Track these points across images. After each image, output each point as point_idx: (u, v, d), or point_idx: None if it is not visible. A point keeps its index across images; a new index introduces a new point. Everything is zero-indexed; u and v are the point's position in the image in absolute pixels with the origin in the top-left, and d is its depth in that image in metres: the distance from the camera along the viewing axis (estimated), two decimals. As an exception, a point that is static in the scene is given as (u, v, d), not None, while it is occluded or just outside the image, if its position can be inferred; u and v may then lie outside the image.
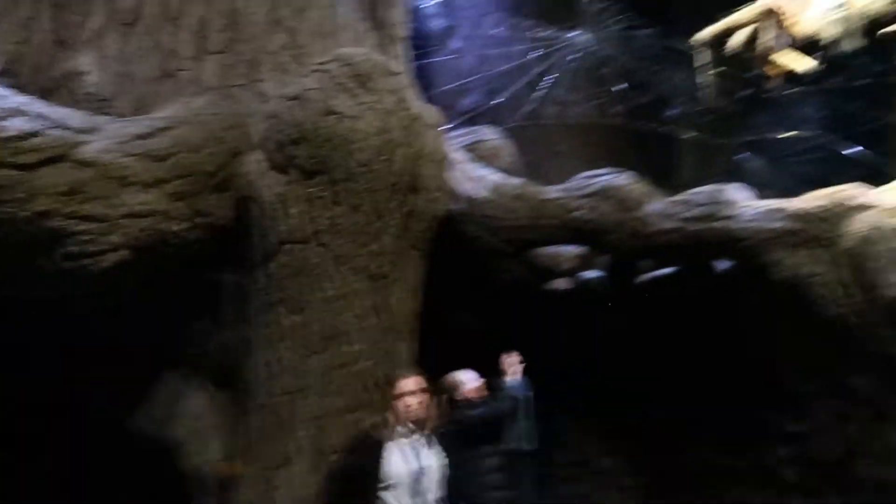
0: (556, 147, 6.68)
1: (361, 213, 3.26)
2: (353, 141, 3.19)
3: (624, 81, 4.93)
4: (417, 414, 3.25)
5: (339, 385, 3.44)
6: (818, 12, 3.71)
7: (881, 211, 3.77)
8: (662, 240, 4.65)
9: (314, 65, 3.45)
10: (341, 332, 3.38)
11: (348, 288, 3.29)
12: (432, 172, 3.44)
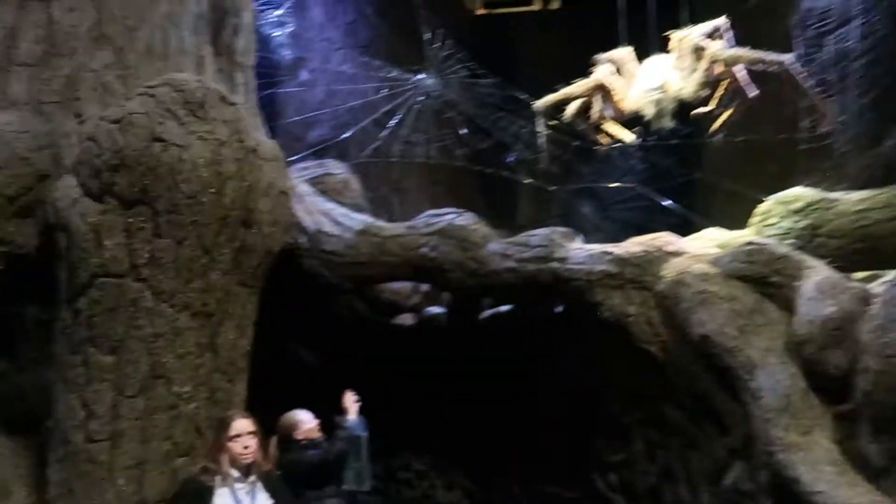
0: (401, 185, 6.80)
1: (187, 247, 3.07)
2: (179, 171, 3.01)
3: (467, 126, 5.12)
4: (250, 457, 3.14)
5: (161, 429, 3.24)
6: (639, 92, 4.12)
7: (689, 257, 4.14)
8: (500, 279, 4.83)
9: (142, 87, 3.24)
10: (162, 372, 3.18)
11: (170, 326, 3.09)
12: (268, 207, 3.33)
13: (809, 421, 3.25)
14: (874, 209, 4.49)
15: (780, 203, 4.80)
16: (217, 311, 3.20)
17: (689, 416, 4.24)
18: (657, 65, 4.25)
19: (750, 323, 3.63)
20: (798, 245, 4.50)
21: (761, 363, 3.47)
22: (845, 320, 3.20)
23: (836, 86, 5.34)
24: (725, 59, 3.92)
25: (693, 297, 3.89)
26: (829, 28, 5.41)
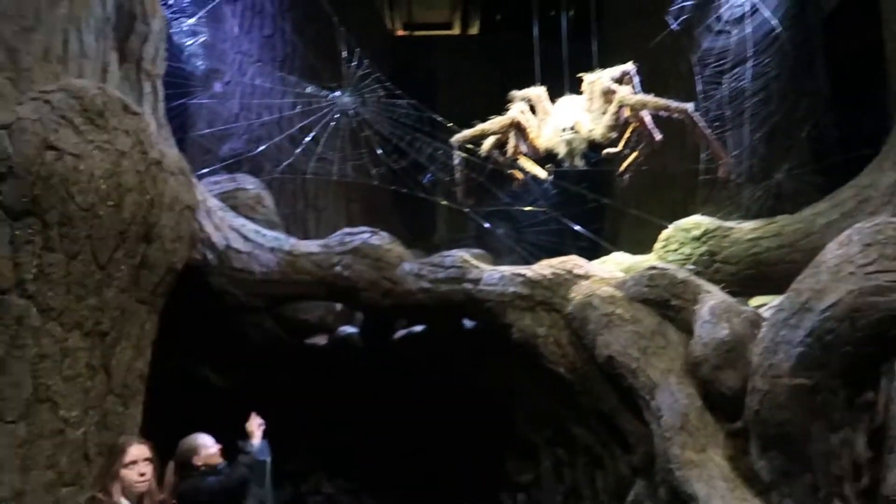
0: (317, 202, 6.70)
1: (79, 262, 2.89)
2: (74, 182, 2.84)
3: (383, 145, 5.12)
4: (145, 485, 3.00)
5: (45, 457, 3.01)
6: (552, 131, 4.26)
7: (596, 280, 4.27)
8: (414, 299, 4.83)
9: (35, 92, 3.05)
10: (48, 396, 2.96)
11: (58, 346, 2.89)
12: (171, 221, 3.19)
13: (705, 439, 3.38)
14: (765, 238, 4.78)
15: (681, 230, 5.04)
16: (112, 330, 3.02)
17: (595, 435, 4.34)
18: (569, 105, 4.42)
19: (651, 345, 3.77)
20: (697, 270, 4.72)
21: (661, 383, 3.60)
22: (737, 343, 3.36)
23: (732, 121, 5.71)
24: (633, 105, 4.11)
25: (599, 319, 4.00)
26: (725, 67, 5.78)
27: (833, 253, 2.99)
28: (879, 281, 2.77)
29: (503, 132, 4.30)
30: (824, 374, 2.86)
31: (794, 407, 2.93)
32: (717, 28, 5.86)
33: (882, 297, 2.75)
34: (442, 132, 5.33)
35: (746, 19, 5.67)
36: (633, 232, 6.28)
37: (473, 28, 9.91)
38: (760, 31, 5.64)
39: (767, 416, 3.03)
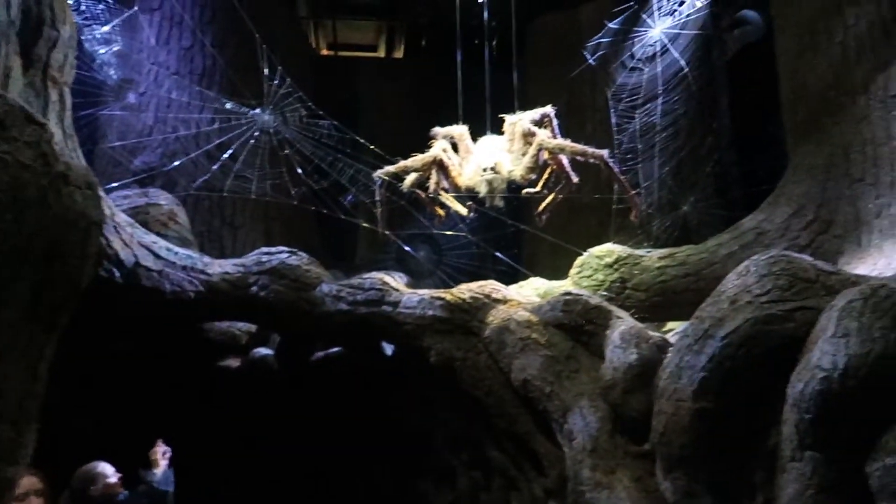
0: (234, 220, 6.54)
1: (-29, 280, 2.71)
2: (-31, 194, 2.67)
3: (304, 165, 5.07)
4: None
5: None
6: (474, 170, 4.36)
7: (513, 305, 4.35)
8: (332, 321, 4.78)
9: (-72, 98, 2.85)
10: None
11: (-58, 369, 2.68)
12: (76, 239, 3.03)
13: (614, 461, 3.48)
14: (672, 266, 5.02)
15: (595, 257, 5.22)
16: (5, 352, 2.83)
17: (511, 458, 4.39)
18: (491, 145, 4.54)
19: (565, 369, 3.86)
20: (609, 296, 4.90)
21: (574, 407, 3.69)
22: (645, 367, 3.49)
23: (643, 154, 6.00)
24: (552, 149, 4.27)
25: (516, 343, 4.07)
26: (637, 102, 6.08)
27: (732, 283, 3.17)
28: (773, 310, 2.96)
29: (426, 170, 4.37)
30: (724, 398, 3.02)
31: (696, 429, 3.06)
32: (631, 65, 6.16)
33: (775, 326, 2.93)
34: (364, 154, 5.33)
35: (657, 58, 5.98)
36: (549, 257, 6.45)
37: (398, 52, 10.00)
38: (670, 70, 5.97)
39: (671, 438, 3.15)
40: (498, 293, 4.51)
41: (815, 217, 4.83)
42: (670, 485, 3.22)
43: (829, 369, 2.58)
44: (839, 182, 4.74)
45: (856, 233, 4.59)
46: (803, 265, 3.09)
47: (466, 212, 4.59)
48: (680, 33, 5.91)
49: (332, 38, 9.73)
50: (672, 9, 5.93)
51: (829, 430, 2.62)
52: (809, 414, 2.61)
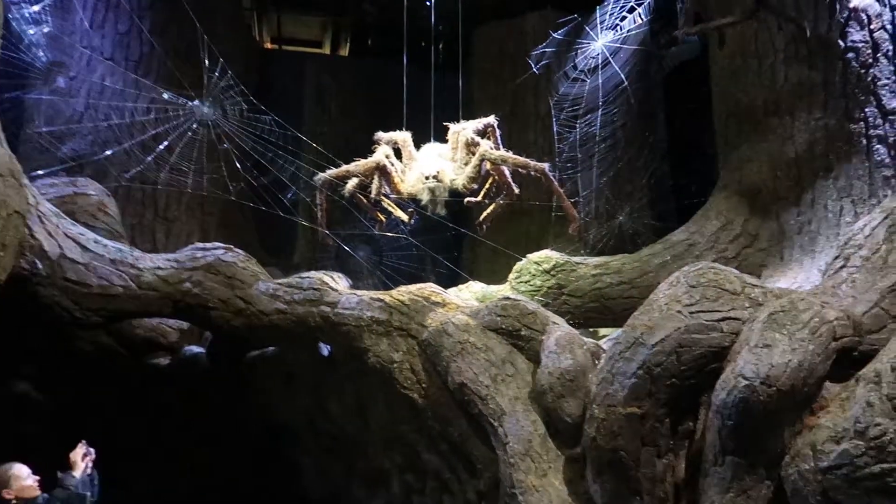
0: (167, 213, 6.34)
1: None
2: None
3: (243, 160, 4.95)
4: None
5: None
6: (416, 177, 4.38)
7: (452, 308, 4.37)
8: (268, 320, 4.69)
9: None
10: None
11: None
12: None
13: (546, 464, 3.55)
14: (607, 274, 5.16)
15: (533, 263, 5.31)
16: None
17: (445, 461, 4.41)
18: (434, 153, 4.57)
19: (501, 373, 3.91)
20: (546, 302, 4.98)
21: (509, 411, 3.74)
22: (579, 373, 3.57)
23: (582, 163, 6.14)
24: (494, 160, 4.33)
25: (453, 347, 4.09)
26: (579, 113, 6.22)
27: (663, 293, 3.28)
28: (701, 320, 3.07)
29: (368, 175, 4.36)
30: (653, 403, 3.12)
31: (625, 434, 3.15)
32: (573, 76, 6.29)
33: (702, 335, 3.05)
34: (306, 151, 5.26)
35: (599, 70, 6.13)
36: (490, 261, 6.52)
37: (344, 50, 9.91)
38: (610, 83, 6.13)
39: (602, 442, 3.23)
40: (437, 296, 4.52)
41: (742, 231, 5.05)
42: (599, 488, 3.30)
43: (751, 377, 2.70)
44: (765, 198, 4.97)
45: (778, 247, 4.82)
46: (729, 277, 3.22)
47: (408, 218, 4.60)
48: (621, 48, 6.07)
49: (276, 31, 9.55)
50: (614, 24, 6.08)
51: (750, 436, 2.74)
52: (731, 420, 2.72)
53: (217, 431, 5.29)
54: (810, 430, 2.64)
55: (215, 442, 5.32)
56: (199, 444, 5.31)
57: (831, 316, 2.81)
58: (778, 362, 2.68)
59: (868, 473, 2.38)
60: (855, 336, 2.85)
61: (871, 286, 2.92)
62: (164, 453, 5.30)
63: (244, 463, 5.40)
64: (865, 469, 2.39)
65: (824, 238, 4.45)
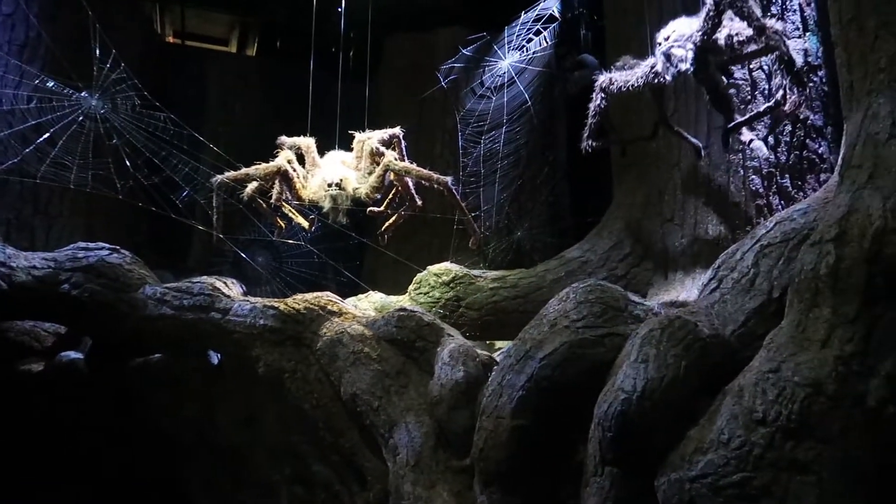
0: (49, 209, 5.96)
1: None
2: None
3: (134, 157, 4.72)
4: None
5: None
6: (319, 184, 4.35)
7: (348, 318, 4.34)
8: (153, 326, 4.51)
9: None
10: None
11: None
12: None
13: (435, 476, 3.57)
14: (503, 288, 5.27)
15: (433, 274, 5.36)
16: None
17: (336, 472, 4.36)
18: (338, 160, 4.55)
19: (395, 384, 3.91)
20: (444, 314, 5.04)
21: (400, 422, 3.74)
22: (470, 384, 3.63)
23: (485, 178, 6.27)
24: (398, 171, 4.36)
25: (347, 357, 4.07)
26: (484, 129, 6.36)
27: (553, 307, 3.39)
28: (586, 335, 3.20)
29: (268, 179, 4.29)
30: (539, 416, 3.21)
31: (512, 446, 3.22)
32: (480, 92, 6.43)
33: (588, 350, 3.17)
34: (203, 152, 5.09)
35: (505, 89, 6.29)
36: (391, 271, 6.51)
37: (251, 50, 9.67)
38: (515, 102, 6.30)
39: (490, 454, 3.29)
40: (333, 305, 4.48)
41: (632, 250, 5.30)
42: (486, 499, 3.35)
43: (630, 391, 2.83)
44: (653, 220, 5.24)
45: (663, 267, 5.09)
46: (615, 294, 3.37)
47: (308, 225, 4.55)
48: (526, 68, 6.26)
49: (180, 25, 9.19)
50: (521, 44, 6.27)
51: (627, 447, 2.87)
52: (611, 432, 2.83)
53: (96, 443, 5.02)
54: (681, 442, 2.79)
55: (93, 453, 5.04)
56: (75, 456, 5.02)
57: (704, 334, 2.99)
58: (653, 377, 2.82)
59: (730, 482, 2.53)
60: (725, 354, 3.05)
61: (740, 307, 3.12)
62: (35, 465, 4.97)
63: (125, 475, 5.14)
64: (727, 478, 2.55)
65: (703, 260, 4.73)
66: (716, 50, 3.88)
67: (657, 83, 4.03)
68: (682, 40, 3.90)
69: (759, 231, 3.40)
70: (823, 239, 2.67)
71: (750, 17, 3.66)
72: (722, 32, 3.82)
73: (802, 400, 2.48)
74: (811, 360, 2.55)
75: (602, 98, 4.20)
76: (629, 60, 4.26)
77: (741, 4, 3.65)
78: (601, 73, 4.24)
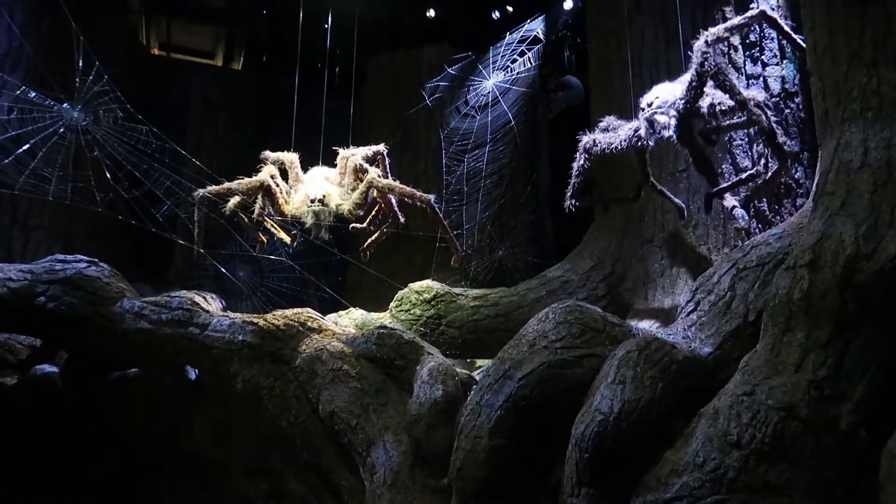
0: (28, 220, 5.89)
1: None
2: None
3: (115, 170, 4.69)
4: None
5: None
6: (301, 199, 4.35)
7: (328, 335, 4.32)
8: (131, 339, 4.46)
9: None
10: None
11: None
12: None
13: (412, 495, 3.54)
14: (485, 306, 5.28)
15: (414, 292, 5.35)
16: None
17: (313, 490, 4.31)
18: (321, 176, 4.55)
19: (374, 402, 3.89)
20: (425, 331, 5.03)
21: (378, 441, 3.72)
22: (449, 403, 3.61)
23: (468, 196, 6.31)
24: (381, 188, 4.37)
25: (326, 374, 4.04)
26: (467, 147, 6.41)
27: (533, 328, 3.40)
28: (565, 356, 3.21)
29: (251, 194, 4.28)
30: (517, 436, 3.20)
31: (490, 465, 3.20)
32: (464, 111, 6.48)
33: (566, 370, 3.18)
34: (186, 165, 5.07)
35: (489, 108, 6.35)
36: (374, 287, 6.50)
37: (236, 63, 9.69)
38: (499, 121, 6.37)
39: (468, 473, 3.27)
40: (313, 322, 4.45)
41: (612, 271, 5.33)
42: (463, 518, 3.33)
43: (607, 413, 2.84)
44: (633, 241, 5.28)
45: (643, 288, 5.13)
46: (594, 316, 3.39)
47: (290, 240, 4.53)
48: (510, 88, 6.32)
49: (165, 38, 9.19)
50: (506, 65, 6.34)
51: (604, 468, 2.87)
52: (587, 453, 2.84)
53: (70, 457, 4.94)
54: (657, 464, 2.80)
55: (67, 468, 4.95)
56: (49, 470, 4.92)
57: (680, 356, 3.02)
58: (630, 398, 2.84)
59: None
60: (701, 376, 3.07)
61: (716, 330, 3.16)
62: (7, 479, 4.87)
63: (99, 490, 5.05)
64: (702, 500, 2.56)
65: (683, 281, 4.78)
66: (699, 116, 3.92)
67: (640, 146, 4.08)
68: (665, 107, 3.93)
69: (736, 255, 3.45)
70: (797, 264, 2.72)
71: (732, 90, 3.70)
72: (705, 101, 3.85)
73: (776, 423, 2.51)
74: (785, 383, 2.58)
75: (585, 158, 4.24)
76: (613, 121, 4.29)
77: (723, 78, 3.68)
78: (584, 134, 4.26)
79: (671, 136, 3.88)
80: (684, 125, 3.86)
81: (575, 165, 4.27)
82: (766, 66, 4.77)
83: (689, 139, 3.97)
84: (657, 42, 5.12)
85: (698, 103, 3.84)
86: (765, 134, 3.83)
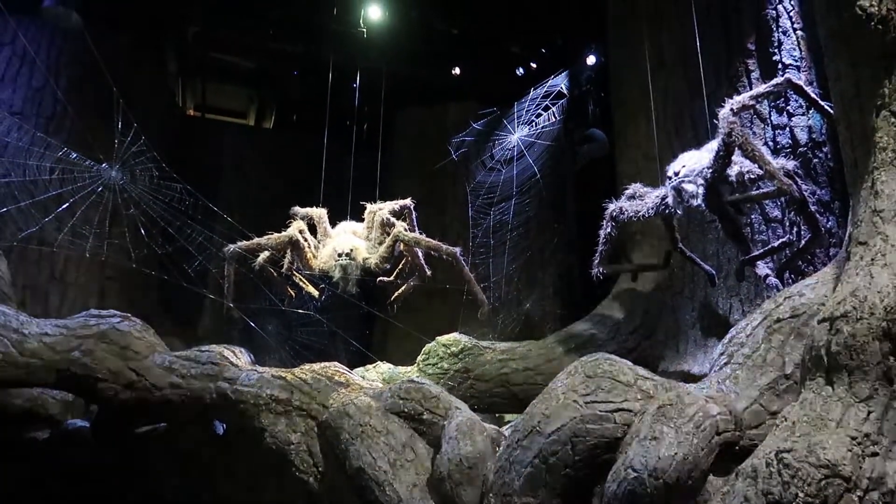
0: (65, 276, 6.03)
1: None
2: None
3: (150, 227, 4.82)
4: None
5: None
6: (329, 253, 4.42)
7: (355, 389, 4.29)
8: (161, 394, 4.47)
9: None
10: None
11: None
12: None
13: (441, 554, 3.45)
14: (513, 359, 5.22)
15: (441, 345, 5.32)
16: None
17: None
18: (349, 231, 4.63)
19: (401, 458, 3.82)
20: (453, 385, 4.98)
21: (406, 498, 3.63)
22: (478, 460, 3.54)
23: (495, 249, 6.32)
24: (408, 241, 4.43)
25: (354, 429, 3.99)
26: (493, 200, 6.46)
27: (562, 381, 3.34)
28: (595, 410, 3.14)
29: (280, 248, 4.36)
30: (547, 493, 3.11)
31: (520, 524, 3.11)
32: (490, 165, 6.56)
33: (596, 425, 3.11)
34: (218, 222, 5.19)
35: (514, 162, 6.42)
36: (401, 340, 6.49)
37: (268, 122, 9.98)
38: (524, 174, 6.42)
39: (498, 532, 3.18)
40: (341, 376, 4.44)
41: (642, 323, 5.25)
42: (492, 581, 3.22)
43: (640, 470, 2.76)
44: (663, 293, 5.21)
45: (674, 340, 5.03)
46: (623, 369, 3.33)
47: (319, 294, 4.57)
48: (535, 142, 6.40)
49: (201, 99, 9.54)
50: (530, 119, 6.43)
51: (638, 528, 2.77)
52: (621, 512, 2.75)
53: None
54: (695, 524, 2.70)
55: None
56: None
57: (715, 411, 2.93)
58: (664, 455, 2.75)
59: (746, 568, 2.44)
60: (736, 431, 2.98)
61: (752, 383, 3.07)
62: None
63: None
64: (743, 563, 2.45)
65: (715, 334, 4.68)
66: (727, 183, 3.83)
67: (668, 214, 4.05)
68: (693, 175, 3.88)
69: (769, 305, 3.38)
70: (834, 315, 2.66)
71: (761, 160, 3.61)
72: (733, 169, 3.78)
73: (819, 482, 2.41)
74: (826, 439, 2.49)
75: (612, 227, 4.22)
76: (639, 189, 4.27)
77: (751, 148, 3.59)
78: (611, 202, 4.25)
79: (699, 205, 3.83)
80: (713, 193, 3.80)
81: (602, 233, 4.25)
82: (791, 116, 4.75)
83: (719, 207, 3.86)
84: (680, 94, 5.16)
85: (727, 171, 3.77)
86: (796, 203, 3.74)
